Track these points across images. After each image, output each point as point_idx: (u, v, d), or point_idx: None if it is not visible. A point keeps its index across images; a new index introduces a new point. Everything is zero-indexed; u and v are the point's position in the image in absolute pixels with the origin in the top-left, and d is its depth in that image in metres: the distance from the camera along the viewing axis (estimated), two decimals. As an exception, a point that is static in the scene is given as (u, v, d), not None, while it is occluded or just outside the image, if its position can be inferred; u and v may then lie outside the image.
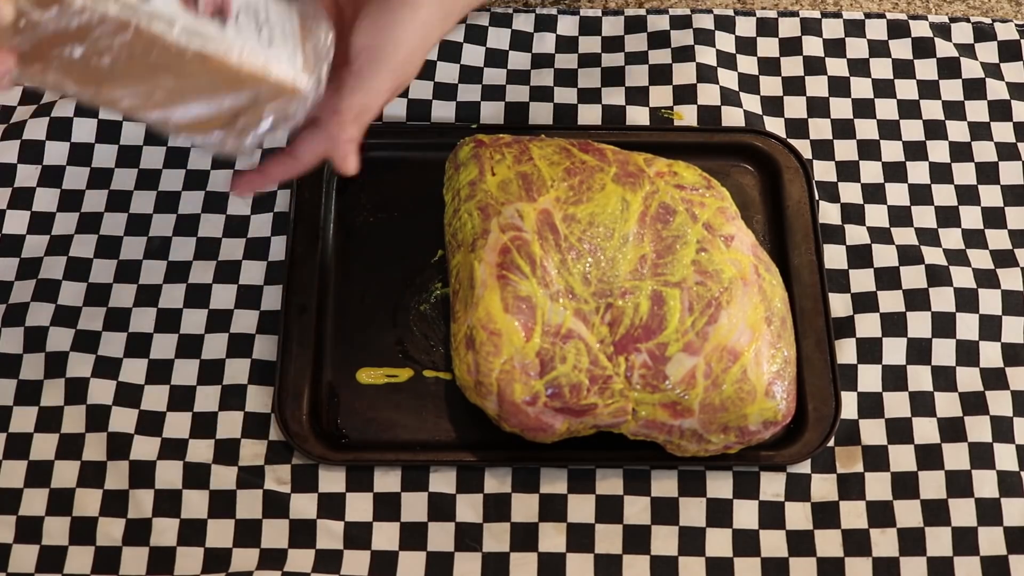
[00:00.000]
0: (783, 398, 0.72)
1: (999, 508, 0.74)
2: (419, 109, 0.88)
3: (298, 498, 0.74)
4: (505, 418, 0.72)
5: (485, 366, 0.71)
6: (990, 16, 0.95)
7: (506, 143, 0.80)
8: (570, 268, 0.74)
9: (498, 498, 0.74)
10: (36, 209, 0.84)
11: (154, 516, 0.74)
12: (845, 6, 0.96)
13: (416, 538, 0.73)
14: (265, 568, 0.72)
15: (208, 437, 0.76)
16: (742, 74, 0.91)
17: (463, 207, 0.78)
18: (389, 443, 0.76)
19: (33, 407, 0.77)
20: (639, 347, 0.72)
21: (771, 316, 0.74)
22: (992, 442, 0.76)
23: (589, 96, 0.90)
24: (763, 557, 0.73)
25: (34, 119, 0.87)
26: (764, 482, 0.75)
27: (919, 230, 0.84)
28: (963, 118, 0.89)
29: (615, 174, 0.77)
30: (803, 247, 0.82)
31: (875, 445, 0.76)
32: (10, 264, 0.82)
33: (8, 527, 0.73)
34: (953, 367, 0.79)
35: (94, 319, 0.80)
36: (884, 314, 0.80)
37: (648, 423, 0.73)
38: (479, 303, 0.73)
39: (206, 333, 0.80)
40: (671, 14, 0.93)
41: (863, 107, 0.89)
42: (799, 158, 0.85)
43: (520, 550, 0.73)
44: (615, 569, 0.73)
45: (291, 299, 0.80)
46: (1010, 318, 0.80)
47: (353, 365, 0.79)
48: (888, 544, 0.73)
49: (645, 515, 0.74)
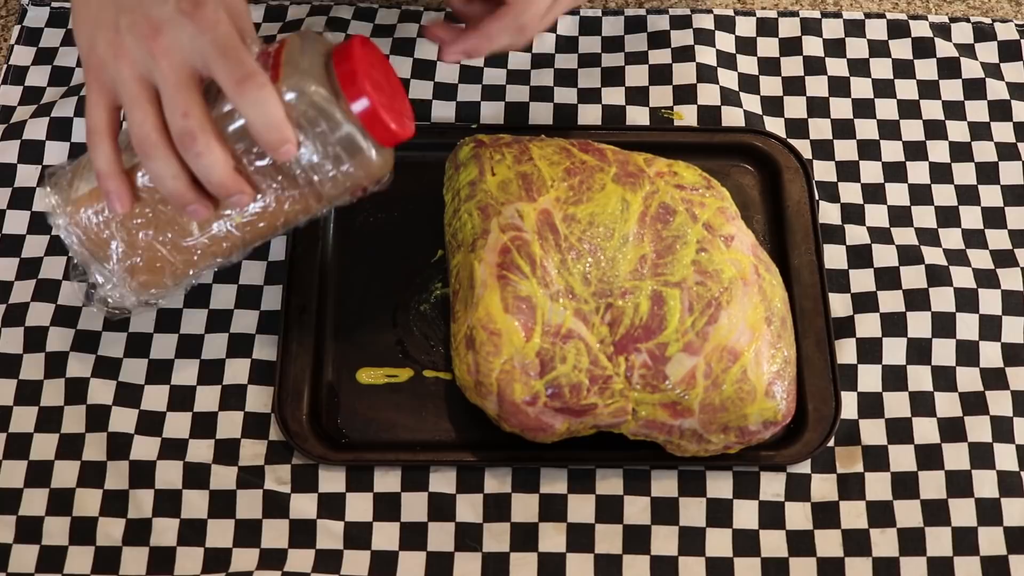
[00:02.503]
0: (783, 398, 0.72)
1: (999, 508, 0.74)
2: (419, 109, 0.88)
3: (298, 498, 0.74)
4: (505, 418, 0.72)
5: (485, 366, 0.71)
6: (990, 16, 0.95)
7: (506, 143, 0.80)
8: (570, 268, 0.74)
9: (498, 498, 0.74)
10: (36, 209, 0.84)
11: (154, 516, 0.74)
12: (845, 6, 0.96)
13: (416, 538, 0.73)
14: (265, 568, 0.72)
15: (208, 437, 0.76)
16: (742, 74, 0.91)
17: (463, 207, 0.78)
18: (389, 443, 0.76)
19: (33, 407, 0.77)
20: (639, 347, 0.72)
21: (771, 316, 0.74)
22: (992, 442, 0.76)
23: (589, 96, 0.90)
24: (763, 557, 0.73)
25: (34, 119, 0.87)
26: (764, 482, 0.75)
27: (919, 230, 0.84)
28: (963, 118, 0.89)
29: (615, 174, 0.77)
30: (803, 247, 0.82)
31: (875, 445, 0.76)
32: (10, 264, 0.82)
33: (8, 527, 0.73)
34: (953, 367, 0.79)
35: (94, 319, 0.80)
36: (884, 314, 0.80)
37: (648, 423, 0.73)
38: (479, 303, 0.73)
39: (206, 333, 0.80)
40: (671, 14, 0.93)
41: (863, 107, 0.89)
42: (799, 158, 0.85)
43: (520, 550, 0.73)
44: (615, 569, 0.73)
45: (291, 299, 0.80)
46: (1010, 318, 0.80)
47: (353, 365, 0.79)
48: (888, 544, 0.73)
49: (645, 515, 0.74)
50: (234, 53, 0.61)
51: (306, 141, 0.64)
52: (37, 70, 0.90)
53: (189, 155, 0.62)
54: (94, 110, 0.65)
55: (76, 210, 0.69)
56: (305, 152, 0.64)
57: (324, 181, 0.66)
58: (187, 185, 0.64)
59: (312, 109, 0.63)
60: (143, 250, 0.69)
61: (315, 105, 0.63)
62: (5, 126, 0.87)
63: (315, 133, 0.64)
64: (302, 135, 0.64)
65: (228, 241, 0.69)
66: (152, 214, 0.68)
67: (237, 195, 0.64)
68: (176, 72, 0.61)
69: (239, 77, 0.61)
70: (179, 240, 0.69)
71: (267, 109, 0.61)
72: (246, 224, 0.68)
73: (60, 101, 0.88)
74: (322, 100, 0.63)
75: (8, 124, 0.87)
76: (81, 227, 0.69)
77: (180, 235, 0.68)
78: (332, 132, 0.64)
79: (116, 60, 0.62)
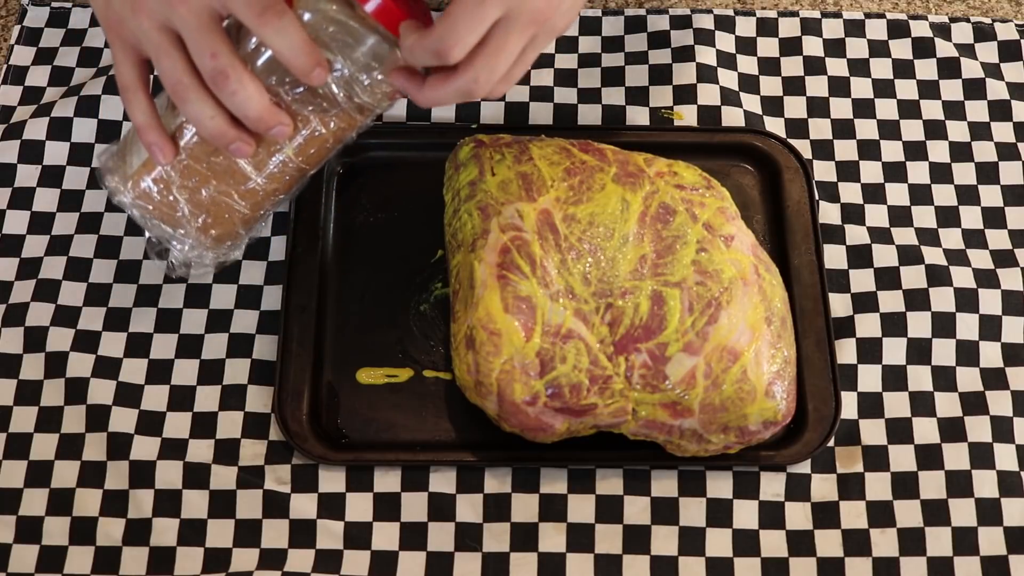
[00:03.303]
0: (783, 398, 0.72)
1: (999, 508, 0.74)
2: (419, 109, 0.88)
3: (298, 498, 0.74)
4: (505, 418, 0.72)
5: (485, 366, 0.71)
6: (990, 16, 0.95)
7: (506, 143, 0.80)
8: (570, 268, 0.74)
9: (498, 498, 0.74)
10: (36, 209, 0.84)
11: (154, 516, 0.74)
12: (845, 6, 0.96)
13: (416, 538, 0.73)
14: (265, 568, 0.72)
15: (208, 437, 0.76)
16: (742, 74, 0.91)
17: (463, 207, 0.78)
18: (389, 443, 0.76)
19: (33, 407, 0.77)
20: (639, 347, 0.72)
21: (771, 316, 0.74)
22: (992, 442, 0.76)
23: (589, 96, 0.90)
24: (763, 557, 0.73)
25: (34, 119, 0.87)
26: (764, 482, 0.75)
27: (919, 230, 0.84)
28: (963, 118, 0.89)
29: (615, 174, 0.77)
30: (803, 247, 0.82)
31: (875, 445, 0.76)
32: (10, 264, 0.82)
33: (8, 527, 0.73)
34: (953, 367, 0.79)
35: (94, 319, 0.80)
36: (884, 314, 0.80)
37: (648, 423, 0.73)
38: (479, 303, 0.73)
39: (206, 333, 0.80)
40: (671, 14, 0.93)
41: (863, 107, 0.89)
42: (799, 158, 0.85)
43: (520, 550, 0.73)
44: (615, 569, 0.73)
45: (291, 299, 0.80)
46: (1010, 318, 0.80)
47: (353, 365, 0.79)
48: (888, 544, 0.73)
49: (645, 515, 0.74)
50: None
51: (335, 58, 0.64)
52: (37, 70, 0.90)
53: (224, 94, 0.63)
54: (121, 67, 0.66)
55: (136, 183, 0.70)
56: (336, 69, 0.64)
57: (362, 91, 0.66)
58: (227, 123, 0.64)
59: (333, 25, 0.63)
60: (209, 205, 0.70)
61: (334, 20, 0.63)
62: (5, 126, 0.87)
63: (341, 48, 0.64)
64: (329, 53, 0.64)
65: (286, 174, 0.70)
66: (207, 168, 0.69)
67: (277, 127, 0.65)
68: (196, 15, 0.61)
69: (258, 10, 0.61)
70: (239, 186, 0.69)
71: (291, 36, 0.61)
72: (297, 154, 0.69)
73: (60, 101, 0.88)
74: (339, 13, 0.63)
75: (8, 124, 0.87)
76: (146, 199, 0.70)
77: (239, 181, 0.69)
78: (357, 42, 0.64)
79: (134, 14, 0.63)
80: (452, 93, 0.64)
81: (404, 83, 0.66)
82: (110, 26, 0.65)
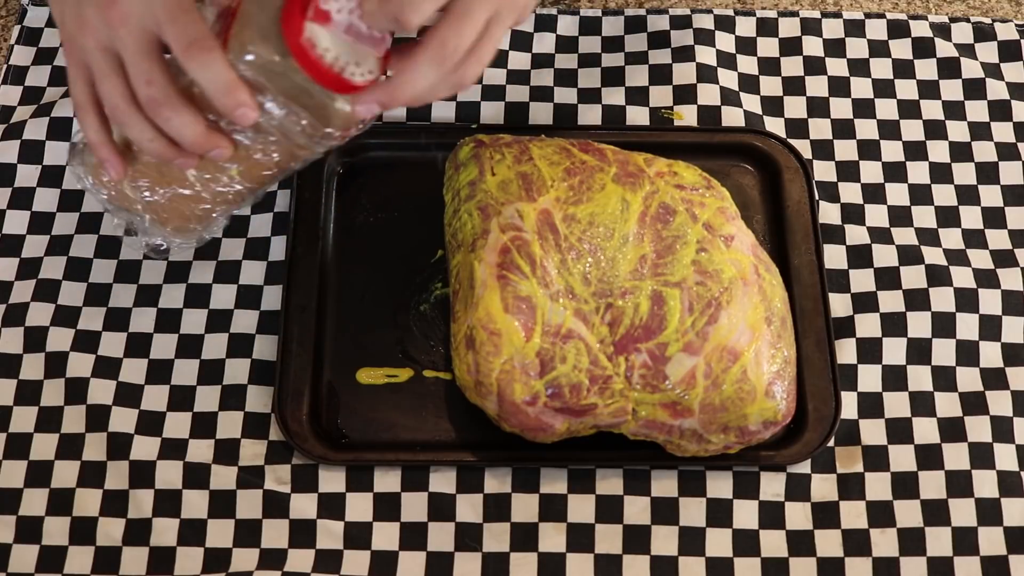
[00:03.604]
0: (783, 398, 0.72)
1: (999, 508, 0.74)
2: (419, 109, 0.88)
3: (298, 498, 0.74)
4: (505, 418, 0.72)
5: (485, 366, 0.71)
6: (990, 16, 0.95)
7: (506, 143, 0.80)
8: (570, 268, 0.74)
9: (498, 498, 0.74)
10: (36, 209, 0.84)
11: (154, 516, 0.74)
12: (845, 6, 0.96)
13: (416, 538, 0.73)
14: (265, 568, 0.72)
15: (208, 437, 0.76)
16: (742, 74, 0.91)
17: (463, 207, 0.78)
18: (389, 443, 0.76)
19: (33, 407, 0.77)
20: (639, 347, 0.72)
21: (771, 316, 0.74)
22: (992, 442, 0.76)
23: (589, 96, 0.90)
24: (763, 557, 0.73)
25: (34, 119, 0.87)
26: (764, 482, 0.75)
27: (919, 230, 0.84)
28: (963, 118, 0.89)
29: (615, 174, 0.77)
30: (803, 247, 0.82)
31: (875, 445, 0.76)
32: (10, 264, 0.82)
33: (8, 527, 0.73)
34: (953, 367, 0.79)
35: (94, 319, 0.80)
36: (884, 314, 0.80)
37: (648, 423, 0.73)
38: (479, 303, 0.73)
39: (206, 333, 0.80)
40: (671, 14, 0.93)
41: (863, 107, 0.89)
42: (799, 158, 0.85)
43: (520, 550, 0.73)
44: (615, 569, 0.73)
45: (291, 299, 0.80)
46: (1010, 318, 0.80)
47: (353, 365, 0.79)
48: (888, 544, 0.73)
49: (645, 515, 0.74)
50: (183, 17, 0.60)
51: (265, 99, 0.63)
52: (37, 70, 0.90)
53: (159, 120, 0.63)
54: (74, 85, 0.66)
55: (97, 177, 0.70)
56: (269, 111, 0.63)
57: (295, 134, 0.65)
58: (166, 145, 0.64)
59: (263, 68, 0.62)
60: (163, 204, 0.71)
61: (264, 64, 0.62)
62: (5, 126, 0.87)
63: (272, 90, 0.63)
64: (259, 94, 0.62)
65: (230, 192, 0.70)
66: (158, 173, 0.69)
67: (215, 150, 0.65)
68: (135, 39, 0.61)
69: (186, 42, 0.60)
70: (186, 192, 0.70)
71: (214, 73, 0.61)
72: (242, 175, 0.69)
73: (60, 101, 0.88)
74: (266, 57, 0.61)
75: (8, 124, 0.87)
76: (106, 191, 0.71)
77: (185, 188, 0.70)
78: (286, 88, 0.63)
79: (81, 33, 0.63)
80: (425, 64, 0.62)
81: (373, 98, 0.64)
82: (64, 43, 0.65)
